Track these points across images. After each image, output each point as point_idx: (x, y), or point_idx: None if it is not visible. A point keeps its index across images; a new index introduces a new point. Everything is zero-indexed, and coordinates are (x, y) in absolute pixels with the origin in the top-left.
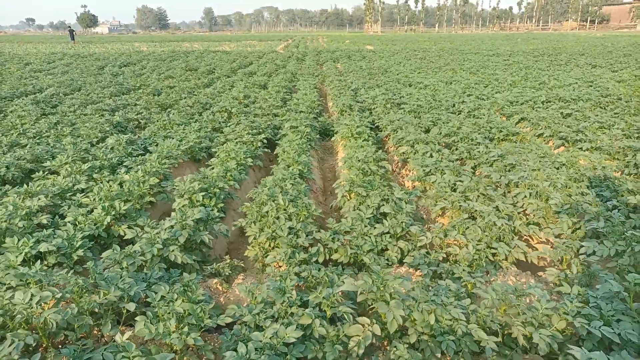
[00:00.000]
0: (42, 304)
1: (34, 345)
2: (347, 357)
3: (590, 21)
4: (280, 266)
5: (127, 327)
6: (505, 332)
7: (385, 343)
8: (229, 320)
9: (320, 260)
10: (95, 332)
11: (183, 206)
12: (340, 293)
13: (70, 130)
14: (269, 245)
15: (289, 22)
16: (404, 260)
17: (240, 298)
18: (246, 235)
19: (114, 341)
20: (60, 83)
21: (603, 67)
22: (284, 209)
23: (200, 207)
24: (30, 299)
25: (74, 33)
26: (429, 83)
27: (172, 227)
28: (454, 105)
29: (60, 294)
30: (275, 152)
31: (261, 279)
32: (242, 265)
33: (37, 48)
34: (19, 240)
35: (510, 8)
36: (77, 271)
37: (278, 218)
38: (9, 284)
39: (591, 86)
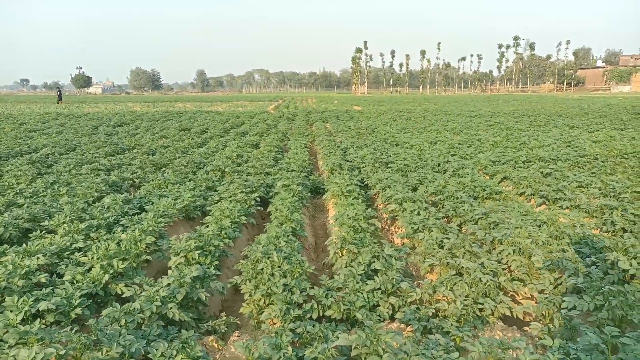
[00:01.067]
0: None
1: None
2: None
3: (566, 84)
4: (274, 323)
5: None
6: None
7: None
8: None
9: (314, 316)
10: None
11: (179, 264)
12: (334, 348)
13: (66, 189)
14: (264, 303)
15: (279, 83)
16: (395, 316)
17: (236, 355)
18: (241, 292)
19: None
20: (55, 143)
21: (580, 127)
22: (279, 266)
23: (197, 265)
24: (34, 357)
25: (61, 93)
26: (414, 143)
27: (169, 285)
28: (439, 165)
29: (64, 351)
30: (268, 210)
31: (257, 336)
32: (237, 322)
33: (31, 108)
34: (18, 299)
35: (491, 71)
36: (75, 329)
37: (273, 275)
38: (10, 342)
39: (569, 146)
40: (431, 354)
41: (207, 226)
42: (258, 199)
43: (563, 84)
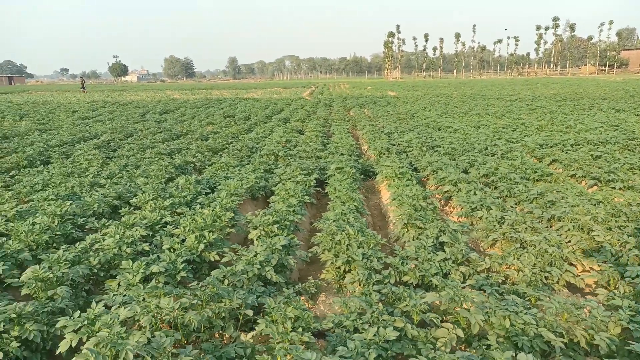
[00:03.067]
0: (181, 309)
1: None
2: (436, 354)
3: (608, 66)
4: (355, 287)
5: (242, 331)
6: (568, 337)
7: (463, 347)
8: (331, 325)
9: (392, 281)
10: (215, 335)
11: (259, 236)
12: (424, 303)
13: (139, 172)
14: (344, 269)
15: (309, 69)
16: (465, 283)
17: (324, 313)
18: (320, 260)
19: (234, 341)
20: (113, 129)
21: (627, 111)
22: (354, 238)
23: (279, 236)
24: (173, 305)
25: (84, 83)
26: (458, 127)
27: (259, 252)
28: (486, 148)
29: (195, 301)
30: (325, 191)
31: (340, 297)
32: (325, 285)
33: (76, 97)
34: (132, 263)
35: (528, 54)
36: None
37: (350, 245)
38: (141, 296)
39: (617, 130)
40: (513, 309)
41: (273, 204)
42: (315, 181)
43: (605, 66)
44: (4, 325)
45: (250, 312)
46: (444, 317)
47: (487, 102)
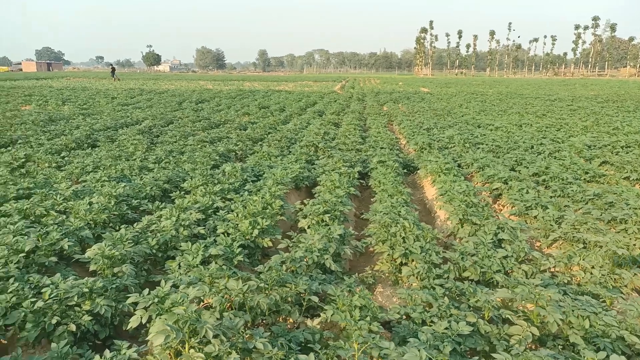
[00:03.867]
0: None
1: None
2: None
3: None
4: (410, 280)
5: (305, 316)
6: None
7: (535, 346)
8: (397, 316)
9: (451, 277)
10: (279, 319)
11: (309, 226)
12: (497, 299)
13: (185, 157)
14: (400, 262)
15: (339, 64)
16: (530, 282)
17: (382, 304)
18: (368, 252)
19: (297, 326)
20: (153, 116)
21: None
22: (410, 231)
23: (333, 225)
24: (242, 287)
25: (114, 71)
26: (499, 125)
27: (320, 239)
28: (532, 147)
29: (262, 284)
30: (368, 184)
31: (398, 289)
32: (382, 276)
33: (114, 84)
34: (192, 245)
35: (565, 54)
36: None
37: (407, 238)
38: (206, 277)
39: None
40: (591, 310)
41: (322, 194)
42: (358, 174)
43: None
44: (77, 299)
45: (315, 299)
46: (513, 315)
47: (525, 101)
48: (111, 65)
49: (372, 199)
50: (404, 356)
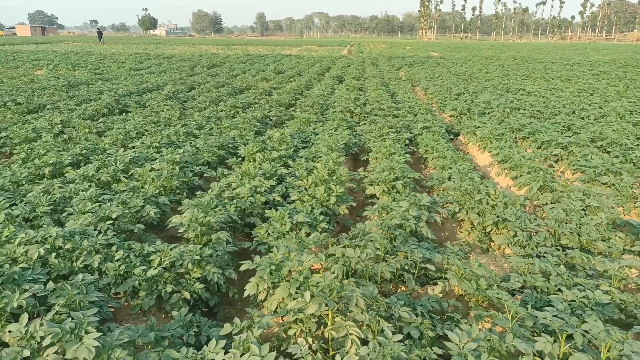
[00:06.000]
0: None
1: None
2: None
3: None
4: (503, 247)
5: (418, 285)
6: None
7: None
8: (518, 284)
9: (548, 244)
10: (391, 287)
11: (381, 192)
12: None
13: (226, 124)
14: (491, 230)
15: (339, 27)
16: (630, 249)
17: (483, 274)
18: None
19: (409, 294)
20: (173, 82)
21: None
22: (497, 197)
23: (416, 194)
24: (360, 254)
25: (102, 34)
26: (531, 90)
27: (409, 207)
28: (573, 112)
29: (378, 251)
30: (417, 149)
31: (491, 257)
32: (476, 245)
33: (115, 48)
34: (276, 211)
35: (573, 17)
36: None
37: (496, 205)
38: (310, 244)
39: None
40: None
41: (378, 161)
42: (408, 140)
43: None
44: (190, 266)
45: (432, 267)
46: None
47: (544, 66)
48: (98, 29)
49: (421, 165)
50: (582, 326)
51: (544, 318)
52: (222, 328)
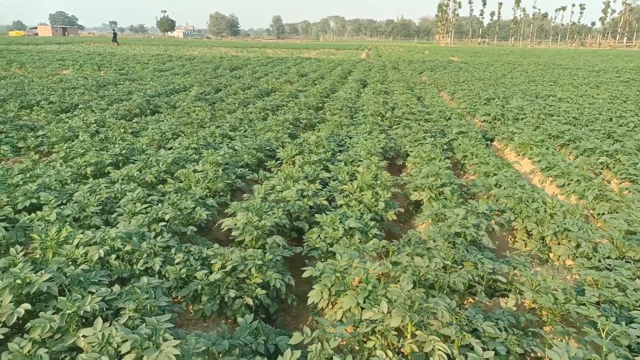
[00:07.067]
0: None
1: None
2: None
3: None
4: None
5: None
6: None
7: None
8: (595, 299)
9: (613, 256)
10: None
11: (428, 198)
12: None
13: (260, 125)
14: (550, 240)
15: (354, 31)
16: None
17: (557, 287)
18: (511, 229)
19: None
20: (199, 83)
21: None
22: (554, 206)
23: (474, 200)
24: (429, 263)
25: (116, 36)
26: (562, 96)
27: (466, 214)
28: (610, 119)
29: (447, 261)
30: (453, 154)
31: (556, 269)
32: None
33: (136, 49)
34: (326, 216)
35: (593, 23)
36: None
37: (554, 215)
38: (371, 251)
39: None
40: None
41: (420, 166)
42: (446, 145)
43: None
44: (254, 271)
45: (503, 279)
46: None
47: (569, 72)
48: (113, 30)
49: (459, 171)
50: None
51: (636, 336)
52: (288, 337)
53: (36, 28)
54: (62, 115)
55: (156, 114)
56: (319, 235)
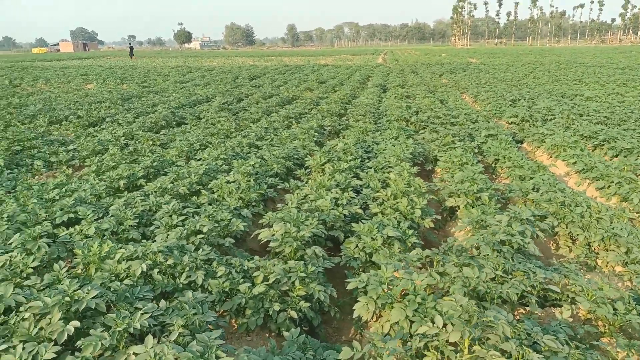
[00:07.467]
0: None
1: None
2: None
3: None
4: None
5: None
6: None
7: None
8: None
9: None
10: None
11: (465, 204)
12: None
13: (286, 134)
14: (598, 245)
15: (369, 36)
16: None
17: (615, 296)
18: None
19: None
20: (221, 94)
21: None
22: (599, 210)
23: (520, 206)
24: (479, 274)
25: (132, 50)
26: (591, 95)
27: (508, 221)
28: None
29: (498, 271)
30: (486, 159)
31: (606, 276)
32: None
33: (155, 62)
34: (363, 225)
35: (613, 19)
36: None
37: (600, 219)
38: (415, 262)
39: None
40: None
41: (452, 172)
42: (476, 149)
43: None
44: (298, 283)
45: (556, 289)
46: None
47: (592, 70)
48: (130, 44)
49: (491, 175)
50: None
51: None
52: (336, 351)
53: (58, 44)
54: (91, 129)
55: (182, 126)
56: (357, 245)
